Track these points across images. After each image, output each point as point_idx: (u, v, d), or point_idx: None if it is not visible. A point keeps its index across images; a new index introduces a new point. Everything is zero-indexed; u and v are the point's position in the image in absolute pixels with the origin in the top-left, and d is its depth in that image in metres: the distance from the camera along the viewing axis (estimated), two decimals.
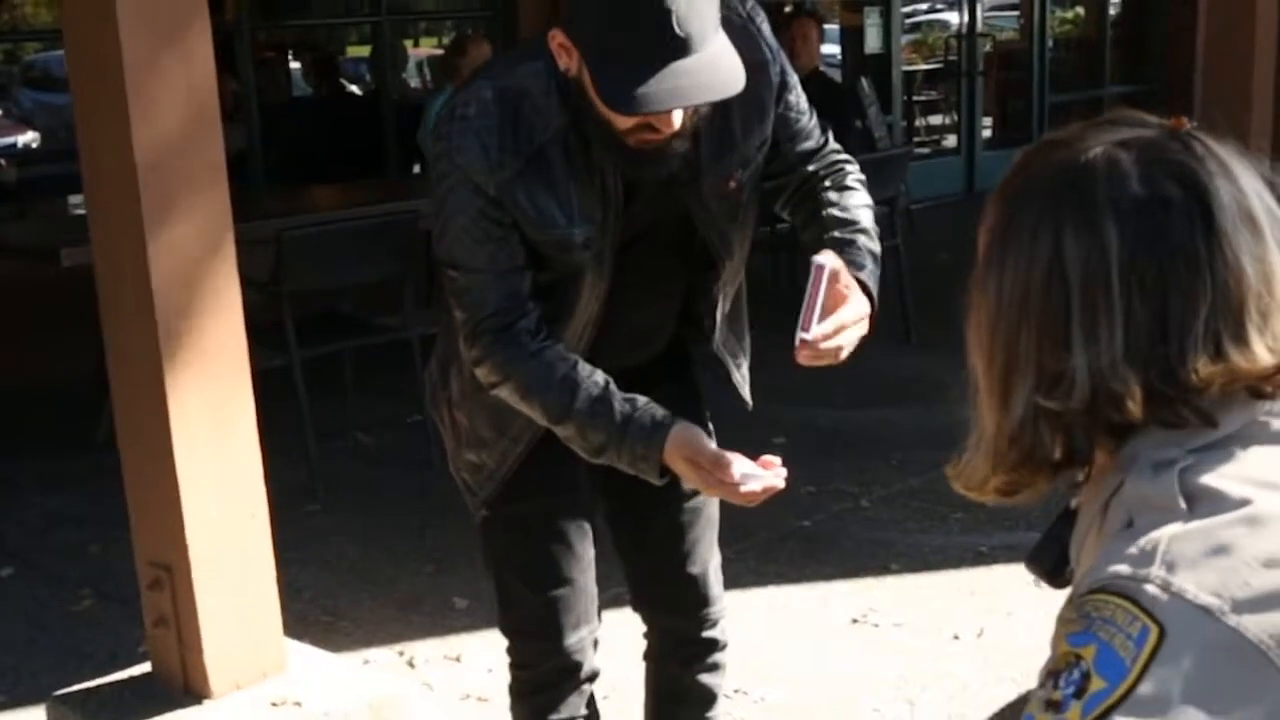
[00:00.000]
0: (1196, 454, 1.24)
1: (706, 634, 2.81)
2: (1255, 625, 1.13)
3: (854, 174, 2.55)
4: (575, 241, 2.34)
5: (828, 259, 2.25)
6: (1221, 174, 1.26)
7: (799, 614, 4.26)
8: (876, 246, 2.45)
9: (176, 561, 3.39)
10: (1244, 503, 1.18)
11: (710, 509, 2.78)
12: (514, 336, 2.34)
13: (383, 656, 4.08)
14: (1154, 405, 1.24)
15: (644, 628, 2.91)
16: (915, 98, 13.17)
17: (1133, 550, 1.18)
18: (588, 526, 2.68)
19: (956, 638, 4.00)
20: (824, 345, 2.21)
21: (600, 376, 2.34)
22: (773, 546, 4.74)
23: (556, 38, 2.20)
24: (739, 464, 2.24)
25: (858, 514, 5.02)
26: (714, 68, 2.13)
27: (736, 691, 3.74)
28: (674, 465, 2.27)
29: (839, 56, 12.41)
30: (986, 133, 13.12)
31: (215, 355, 3.34)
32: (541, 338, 2.35)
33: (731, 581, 4.48)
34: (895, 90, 11.82)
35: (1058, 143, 1.33)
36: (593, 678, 2.75)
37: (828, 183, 2.52)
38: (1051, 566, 1.47)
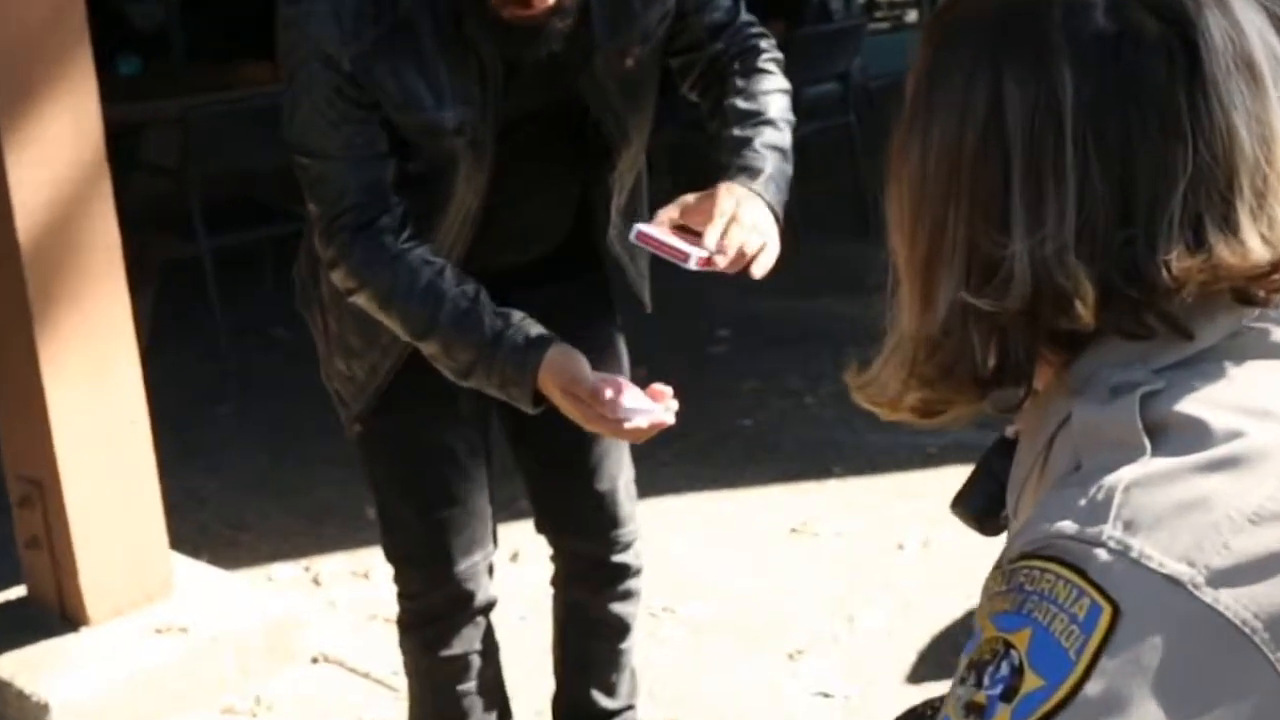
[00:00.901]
0: (1166, 373, 0.95)
1: (617, 558, 2.54)
2: (1236, 601, 0.86)
3: (768, 54, 2.25)
4: (446, 126, 2.04)
5: (637, 226, 1.99)
6: (1213, 4, 0.96)
7: (735, 523, 3.99)
8: (785, 138, 2.16)
9: (46, 476, 3.09)
10: (1230, 436, 0.91)
11: None
12: (374, 235, 2.04)
13: (287, 572, 3.80)
14: (1112, 309, 0.96)
15: (550, 550, 2.63)
16: None
17: (1081, 502, 0.90)
18: (477, 439, 2.39)
19: (901, 548, 3.75)
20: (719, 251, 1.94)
21: (470, 286, 2.05)
22: (711, 448, 4.46)
23: None
24: (624, 396, 1.95)
25: (802, 412, 4.74)
26: None
27: (664, 609, 3.49)
28: (549, 394, 2.00)
29: None
30: None
31: (83, 246, 3.02)
32: (406, 237, 2.06)
33: (665, 487, 4.26)
34: None
35: None
36: (488, 607, 2.49)
37: (737, 65, 2.22)
38: (981, 509, 1.19)
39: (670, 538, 3.86)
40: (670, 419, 2.01)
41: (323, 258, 2.10)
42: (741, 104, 2.17)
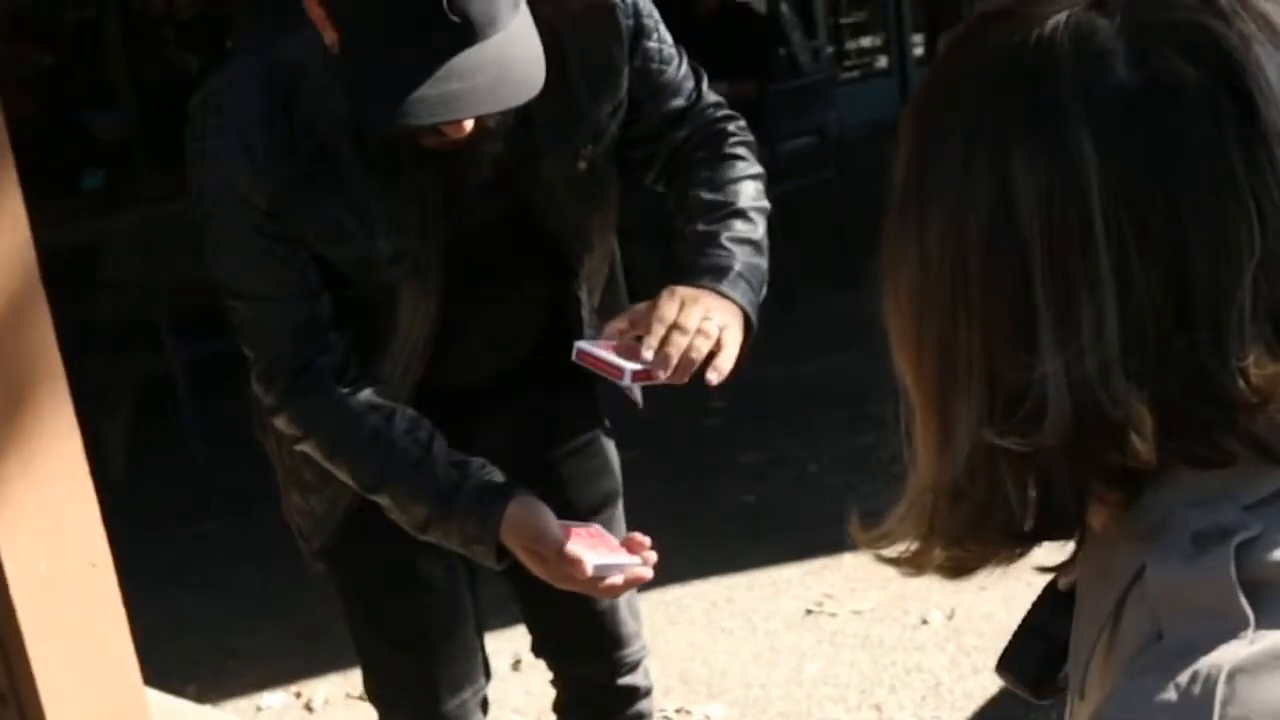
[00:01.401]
0: (1259, 511, 0.75)
1: (623, 681, 2.32)
2: None
3: (737, 137, 2.04)
4: (380, 256, 1.85)
5: (577, 344, 1.80)
6: (1263, 38, 0.76)
7: (746, 608, 3.78)
8: (757, 229, 1.95)
9: (7, 630, 2.87)
10: None
11: (615, 531, 2.27)
12: (312, 380, 1.86)
13: (278, 700, 3.59)
14: (1177, 435, 0.76)
15: (550, 674, 2.42)
16: (842, 19, 12.62)
17: (1170, 696, 0.70)
18: (458, 566, 2.18)
19: (925, 622, 3.54)
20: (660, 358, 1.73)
21: (424, 432, 1.86)
22: (714, 531, 4.26)
23: (313, 7, 1.69)
24: (594, 551, 1.77)
25: (806, 482, 4.54)
26: (503, 63, 1.63)
27: (678, 711, 3.28)
28: (513, 550, 1.81)
29: None
30: (919, 50, 12.61)
31: (23, 381, 2.82)
32: (350, 378, 1.87)
33: (669, 575, 4.02)
34: (819, 12, 11.31)
35: (997, 16, 0.83)
36: None
37: (701, 153, 2.01)
38: (1033, 674, 0.98)
39: (678, 630, 3.65)
40: (648, 573, 1.83)
41: (263, 403, 1.92)
42: (706, 195, 1.96)
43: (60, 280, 5.43)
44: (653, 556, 1.84)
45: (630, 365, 1.71)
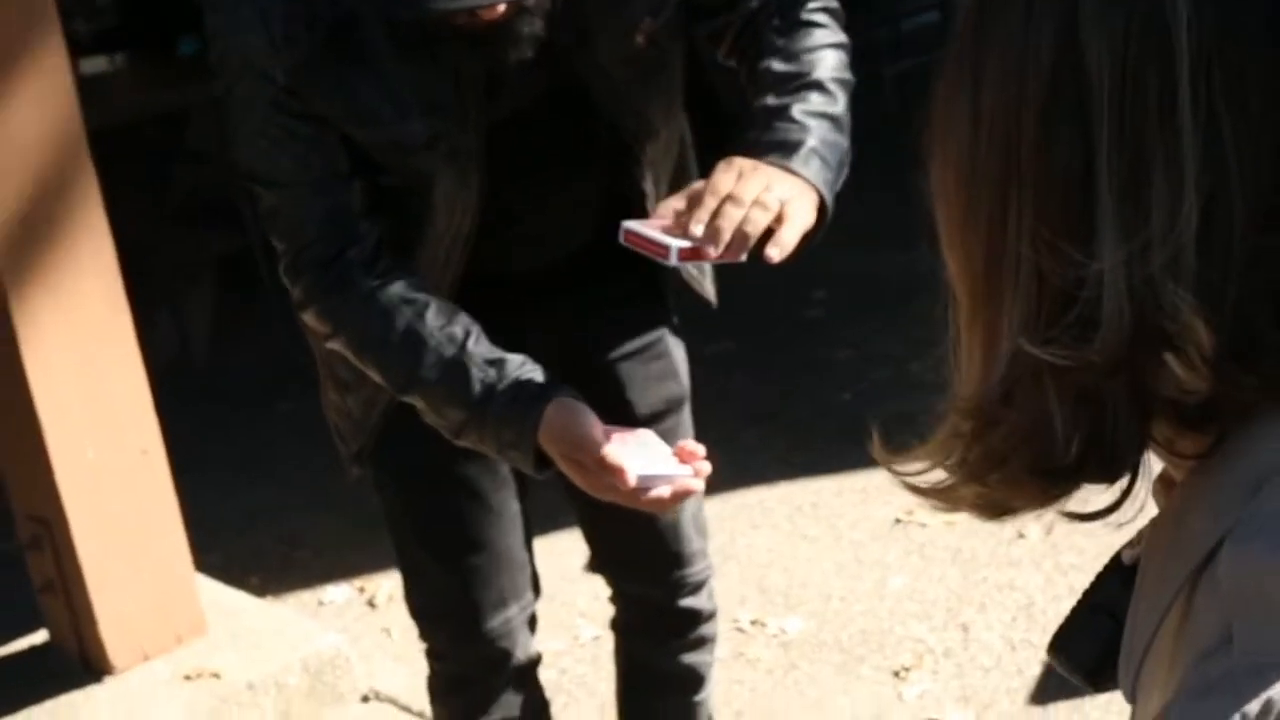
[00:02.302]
0: None
1: (685, 603, 2.16)
2: None
3: (817, 2, 1.81)
4: (414, 141, 1.69)
5: (625, 224, 1.62)
6: None
7: (832, 515, 3.59)
8: (837, 102, 1.73)
9: (53, 515, 2.79)
10: None
11: (679, 440, 2.09)
12: (341, 273, 1.71)
13: (340, 594, 3.48)
14: (1256, 363, 0.62)
15: (608, 590, 2.26)
16: None
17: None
18: (506, 471, 2.03)
19: (1021, 536, 3.33)
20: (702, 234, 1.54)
21: (459, 328, 1.69)
22: (804, 429, 4.06)
23: None
24: (638, 461, 1.59)
25: (906, 380, 4.30)
26: None
27: (752, 623, 3.13)
28: (553, 458, 1.64)
29: None
30: None
31: (71, 263, 2.69)
32: (381, 270, 1.71)
33: (752, 476, 3.86)
34: None
35: None
36: (529, 667, 2.13)
37: (776, 20, 1.79)
38: (1093, 660, 0.81)
39: (758, 536, 3.48)
40: (698, 485, 1.65)
41: (291, 296, 1.76)
42: (779, 66, 1.74)
43: (153, 151, 5.33)
44: (706, 467, 1.67)
45: (676, 243, 1.53)
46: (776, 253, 1.55)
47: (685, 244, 1.53)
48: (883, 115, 5.94)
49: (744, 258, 1.57)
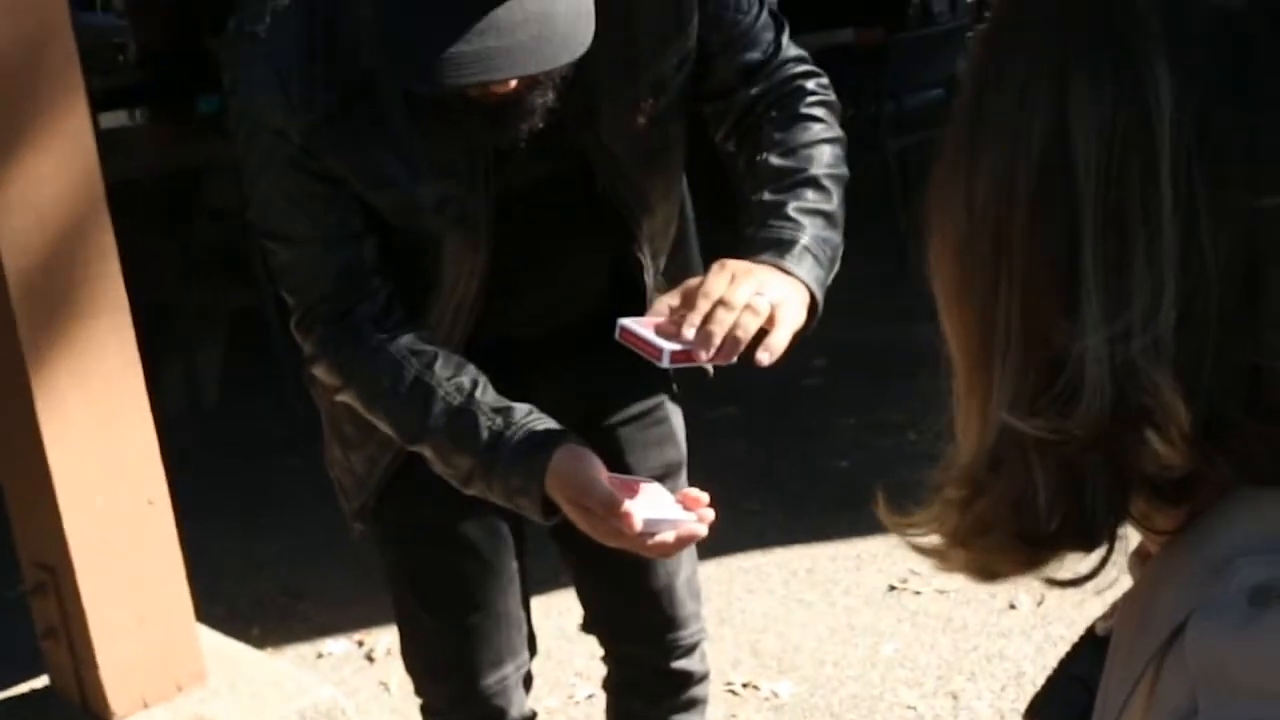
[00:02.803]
0: None
1: (678, 665, 2.20)
2: None
3: (816, 96, 1.86)
4: (423, 204, 1.73)
5: (620, 322, 1.64)
6: None
7: (827, 580, 3.63)
8: (831, 199, 1.77)
9: (59, 562, 2.83)
10: None
11: None
12: (352, 327, 1.75)
13: (339, 647, 3.52)
14: (1226, 442, 0.64)
15: (601, 650, 2.31)
16: None
17: None
18: (506, 531, 2.08)
19: (1012, 607, 3.37)
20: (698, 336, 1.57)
21: (466, 378, 1.73)
22: (802, 495, 4.11)
23: None
24: (643, 506, 1.62)
25: (903, 450, 4.34)
26: (547, 18, 1.50)
27: (745, 686, 3.15)
28: (560, 504, 1.67)
29: None
30: None
31: (86, 313, 2.75)
32: (391, 323, 1.75)
33: (750, 541, 3.90)
34: None
35: None
36: None
37: (774, 113, 1.83)
38: None
39: (753, 600, 3.52)
40: (702, 530, 1.69)
41: (303, 350, 1.81)
42: (776, 160, 1.78)
43: (169, 206, 5.41)
44: (709, 514, 1.70)
45: (669, 346, 1.57)
46: (766, 357, 1.58)
47: (677, 347, 1.56)
48: (885, 190, 6.05)
49: (734, 360, 1.60)
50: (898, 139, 6.13)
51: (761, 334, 1.60)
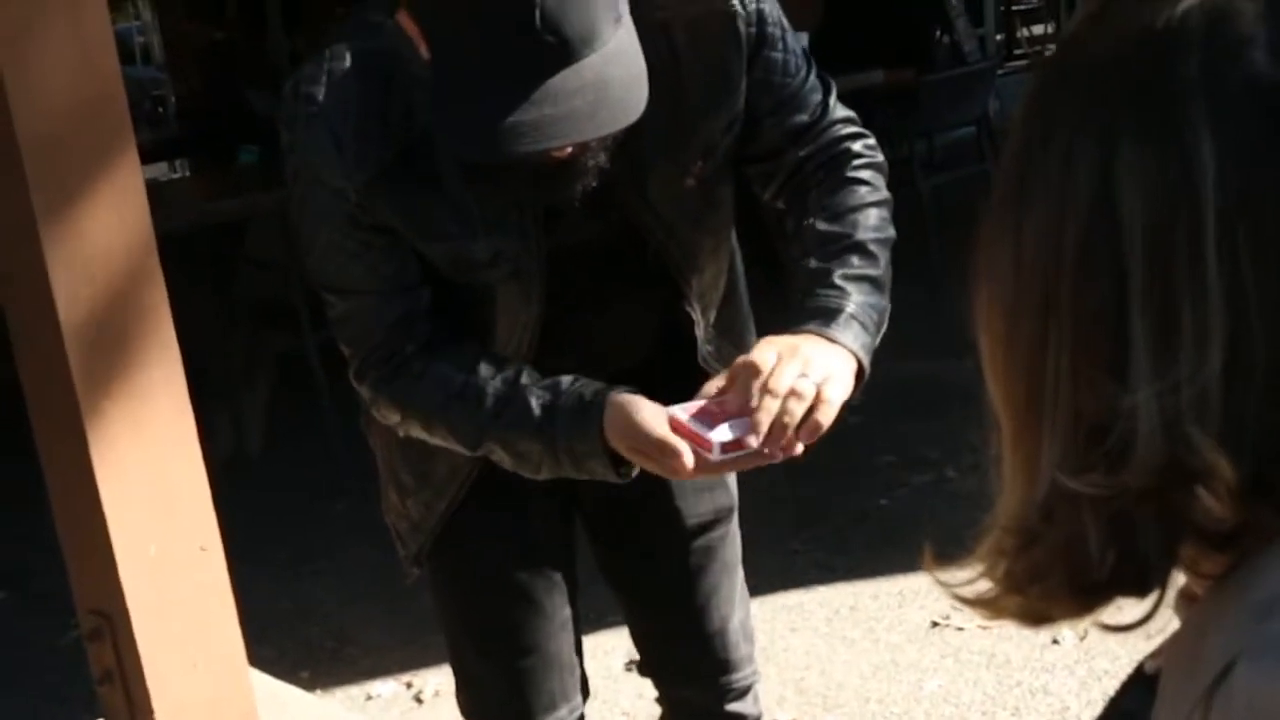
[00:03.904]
0: None
1: (732, 708, 2.21)
2: None
3: (864, 159, 1.88)
4: (478, 258, 1.76)
5: (669, 412, 1.66)
6: None
7: (870, 618, 3.65)
8: (877, 264, 1.79)
9: (115, 609, 2.88)
10: None
11: (726, 550, 2.16)
12: (401, 363, 1.79)
13: (388, 689, 3.56)
14: (1274, 495, 0.66)
15: (652, 691, 2.33)
16: (1014, 6, 12.31)
17: None
18: (558, 578, 2.11)
19: (1056, 642, 3.39)
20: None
21: (511, 369, 1.77)
22: (845, 533, 4.14)
23: (408, 24, 1.61)
24: (720, 432, 1.62)
25: (943, 487, 4.39)
26: (602, 84, 1.52)
27: None
28: (624, 454, 1.70)
29: None
30: None
31: (138, 363, 2.81)
32: (433, 348, 1.79)
33: (794, 579, 3.93)
34: None
35: None
36: None
37: (822, 174, 1.86)
38: None
39: (797, 639, 3.55)
40: (777, 457, 1.63)
41: (360, 395, 1.86)
42: (823, 225, 1.80)
43: (213, 254, 5.49)
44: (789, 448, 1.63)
45: (719, 438, 1.60)
46: (806, 438, 1.61)
47: (728, 437, 1.60)
48: (919, 230, 6.08)
49: (782, 446, 1.61)
50: (930, 178, 6.17)
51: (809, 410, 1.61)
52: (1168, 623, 0.78)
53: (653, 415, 1.66)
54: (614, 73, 1.53)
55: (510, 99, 1.49)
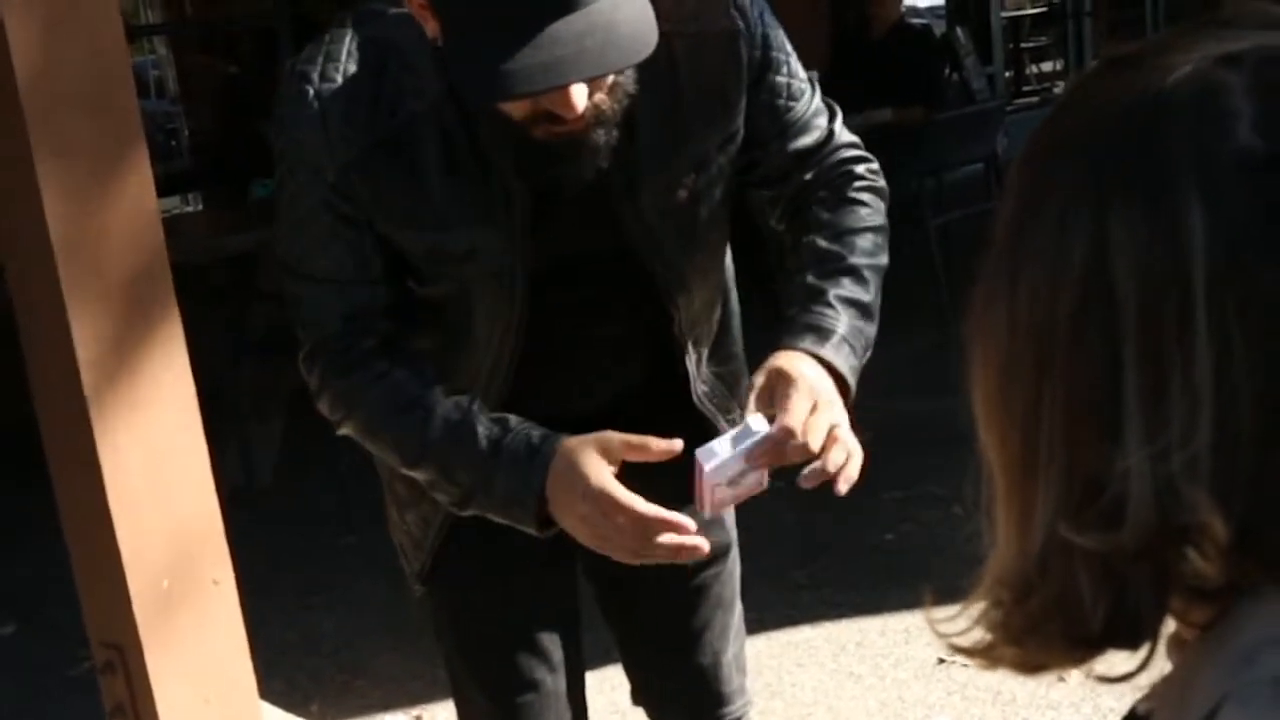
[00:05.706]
0: None
1: None
2: None
3: (864, 181, 1.91)
4: (451, 250, 1.77)
5: (703, 469, 1.71)
6: None
7: (876, 654, 3.67)
8: (868, 290, 1.83)
9: (127, 641, 2.91)
10: None
11: (721, 587, 2.18)
12: (354, 360, 1.78)
13: None
14: (1259, 554, 0.69)
15: None
16: (1023, 44, 12.37)
17: None
18: (557, 604, 2.13)
19: (1061, 680, 3.39)
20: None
21: (465, 398, 1.77)
22: (851, 567, 4.16)
23: (413, 2, 1.63)
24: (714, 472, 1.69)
25: (949, 522, 4.40)
26: (611, 27, 1.52)
27: None
28: (560, 519, 1.71)
29: (942, 5, 11.68)
30: None
31: (154, 400, 2.85)
32: (392, 354, 1.79)
33: (800, 615, 3.96)
34: (997, 37, 11.07)
35: (1125, 61, 0.75)
36: None
37: (823, 193, 1.89)
38: None
39: (804, 675, 3.56)
40: (702, 546, 1.70)
41: (308, 385, 1.86)
42: (822, 243, 1.84)
43: (227, 287, 5.53)
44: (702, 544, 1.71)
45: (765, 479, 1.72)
46: (845, 486, 1.75)
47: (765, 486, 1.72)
48: (927, 266, 6.12)
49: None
50: (938, 215, 6.20)
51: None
52: (1161, 665, 0.81)
53: (607, 473, 1.66)
54: (621, 14, 1.55)
55: (517, 42, 1.50)
